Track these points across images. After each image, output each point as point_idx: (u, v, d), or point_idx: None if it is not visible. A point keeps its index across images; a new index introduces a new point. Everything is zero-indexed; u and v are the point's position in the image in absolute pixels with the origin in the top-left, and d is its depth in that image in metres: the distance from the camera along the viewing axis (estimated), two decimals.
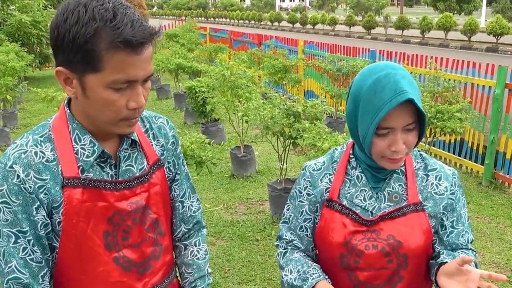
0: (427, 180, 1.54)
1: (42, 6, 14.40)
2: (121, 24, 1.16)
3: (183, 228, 1.62)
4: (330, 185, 1.58)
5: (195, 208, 1.65)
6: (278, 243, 1.74)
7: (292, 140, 4.71)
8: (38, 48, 14.15)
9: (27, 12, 13.71)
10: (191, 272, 1.62)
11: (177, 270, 1.66)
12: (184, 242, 1.65)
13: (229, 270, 4.13)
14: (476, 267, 1.51)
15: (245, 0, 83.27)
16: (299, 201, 1.65)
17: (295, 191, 1.67)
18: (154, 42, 1.26)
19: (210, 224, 4.95)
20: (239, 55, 7.70)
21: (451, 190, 1.54)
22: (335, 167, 1.60)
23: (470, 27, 20.97)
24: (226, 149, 6.02)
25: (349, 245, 1.53)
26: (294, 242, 1.68)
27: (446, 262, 1.44)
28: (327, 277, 1.56)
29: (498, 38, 20.09)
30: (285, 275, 1.63)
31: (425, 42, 22.98)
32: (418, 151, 1.60)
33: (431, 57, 6.85)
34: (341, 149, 1.63)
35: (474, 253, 1.59)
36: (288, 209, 1.70)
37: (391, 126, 1.40)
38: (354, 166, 1.56)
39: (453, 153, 6.44)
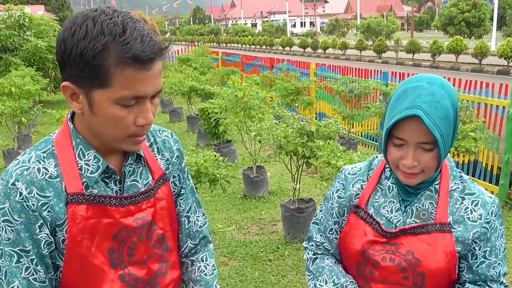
0: (461, 203, 1.47)
1: (58, 31, 14.65)
2: (130, 39, 1.12)
3: (189, 244, 1.58)
4: (361, 191, 1.57)
5: (201, 223, 1.61)
6: (307, 245, 1.72)
7: (305, 160, 4.70)
8: (53, 72, 14.35)
9: (42, 38, 14.00)
10: None
11: (184, 287, 1.61)
12: (191, 257, 1.60)
13: None
14: None
15: (257, 26, 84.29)
16: (331, 203, 1.65)
17: (329, 192, 1.67)
18: (163, 57, 1.22)
19: (223, 245, 4.92)
20: (252, 77, 7.75)
21: (486, 219, 1.45)
22: (370, 174, 1.58)
23: (481, 50, 20.98)
24: (240, 167, 6.01)
25: (365, 254, 1.51)
26: (324, 244, 1.68)
27: None
28: None
29: (510, 60, 20.05)
30: (319, 285, 1.61)
31: (436, 65, 23.00)
32: (459, 172, 1.53)
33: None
34: (381, 157, 1.60)
35: (505, 287, 1.52)
36: (321, 210, 1.70)
37: (403, 138, 1.38)
38: (388, 176, 1.54)
39: (467, 174, 6.37)
